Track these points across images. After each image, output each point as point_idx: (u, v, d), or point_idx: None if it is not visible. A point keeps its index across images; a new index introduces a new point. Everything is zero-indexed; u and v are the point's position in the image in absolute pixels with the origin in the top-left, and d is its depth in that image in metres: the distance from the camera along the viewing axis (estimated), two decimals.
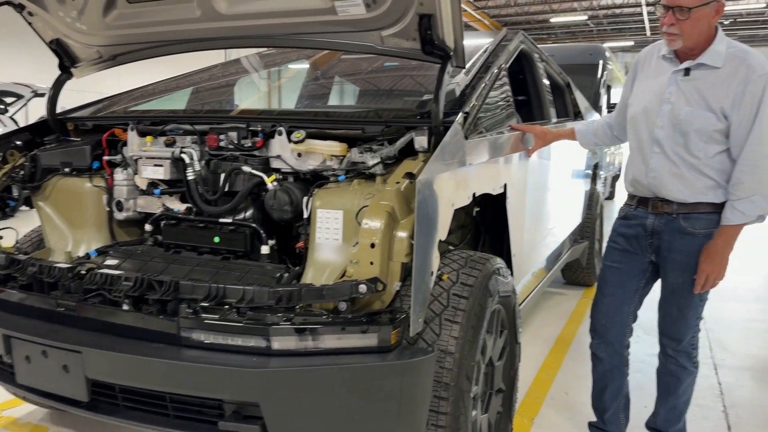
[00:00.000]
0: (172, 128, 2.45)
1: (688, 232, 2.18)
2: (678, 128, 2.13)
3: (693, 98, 2.10)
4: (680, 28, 2.05)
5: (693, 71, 2.12)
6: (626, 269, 2.36)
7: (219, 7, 2.30)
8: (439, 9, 1.93)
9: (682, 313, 2.28)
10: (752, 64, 2.03)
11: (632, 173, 2.32)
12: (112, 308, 1.85)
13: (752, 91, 2.02)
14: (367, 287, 1.73)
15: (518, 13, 19.79)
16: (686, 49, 2.12)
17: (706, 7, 2.02)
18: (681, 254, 2.21)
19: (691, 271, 2.20)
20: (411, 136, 2.10)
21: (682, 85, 2.13)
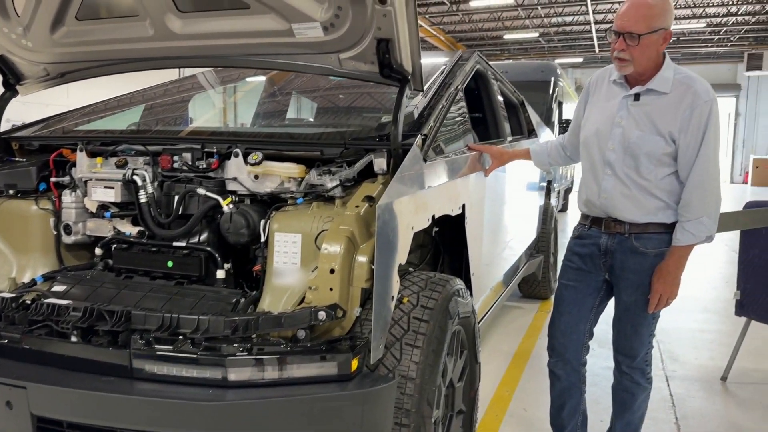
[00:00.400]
0: (123, 149, 2.38)
1: (640, 252, 2.22)
2: (629, 151, 2.18)
3: (642, 122, 2.16)
4: (630, 53, 2.11)
5: (642, 96, 2.18)
6: (581, 288, 2.39)
7: (173, 27, 2.25)
8: (397, 34, 1.94)
9: (636, 331, 2.32)
10: (698, 90, 2.10)
11: (585, 194, 2.36)
12: (59, 340, 1.77)
13: (698, 116, 2.08)
14: (326, 314, 1.71)
15: (473, 30, 20.15)
16: (636, 74, 2.17)
17: (654, 35, 2.08)
18: (633, 273, 2.25)
19: (643, 290, 2.25)
20: (370, 158, 2.10)
21: (632, 110, 2.19)
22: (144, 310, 1.78)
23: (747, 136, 23.07)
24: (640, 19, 2.07)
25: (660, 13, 2.08)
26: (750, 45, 20.78)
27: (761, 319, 3.43)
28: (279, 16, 2.08)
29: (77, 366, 1.73)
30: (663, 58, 2.17)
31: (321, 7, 1.99)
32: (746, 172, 22.22)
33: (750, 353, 3.88)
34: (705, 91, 2.11)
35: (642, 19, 2.07)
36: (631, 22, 2.08)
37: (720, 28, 19.03)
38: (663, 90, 2.14)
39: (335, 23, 2.01)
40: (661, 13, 2.08)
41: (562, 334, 2.44)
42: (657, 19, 2.07)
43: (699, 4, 16.74)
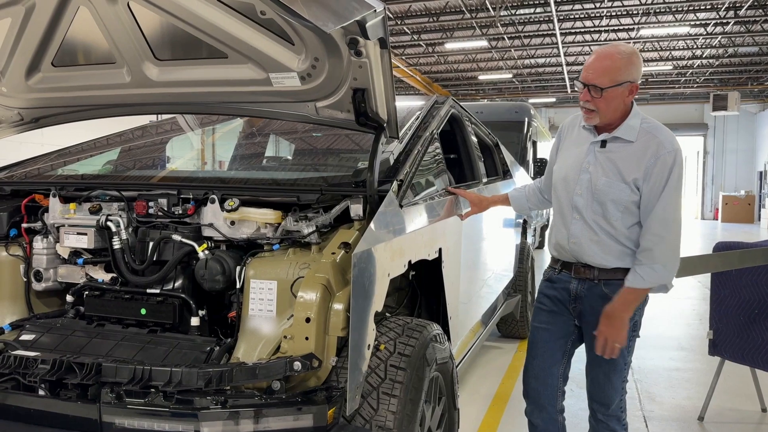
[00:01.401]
0: (97, 194, 2.37)
1: (609, 298, 2.19)
2: (596, 197, 2.18)
3: (609, 169, 2.17)
4: (595, 105, 2.13)
5: (609, 144, 2.19)
6: (554, 330, 2.37)
7: (150, 74, 2.27)
8: (372, 84, 1.98)
9: (609, 378, 2.28)
10: (662, 140, 2.12)
11: (556, 238, 2.35)
12: (26, 394, 1.72)
13: (661, 165, 2.09)
14: (302, 364, 1.69)
15: (448, 71, 20.58)
16: (606, 123, 2.19)
17: (619, 87, 2.09)
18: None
19: None
20: (346, 204, 2.11)
21: (599, 156, 2.20)
22: (115, 362, 1.74)
23: (716, 173, 23.73)
24: (603, 73, 2.08)
25: (624, 67, 2.09)
26: (715, 86, 21.55)
27: (733, 358, 3.47)
28: (257, 66, 2.12)
29: (45, 420, 1.68)
30: (631, 107, 2.19)
31: (298, 57, 2.03)
32: (716, 208, 22.76)
33: (726, 392, 3.91)
34: (669, 141, 2.13)
35: (605, 72, 2.08)
36: (595, 74, 2.10)
37: (686, 70, 19.73)
38: (629, 138, 2.16)
39: (312, 73, 2.05)
40: (626, 66, 2.09)
41: (535, 379, 2.40)
42: (621, 72, 2.08)
43: (665, 47, 17.37)
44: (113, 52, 2.25)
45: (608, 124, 2.20)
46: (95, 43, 2.25)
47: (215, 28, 2.02)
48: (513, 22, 15.01)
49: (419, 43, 16.76)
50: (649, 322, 6.21)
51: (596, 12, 14.38)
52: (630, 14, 14.43)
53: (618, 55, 2.10)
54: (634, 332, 2.28)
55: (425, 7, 14.19)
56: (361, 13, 1.68)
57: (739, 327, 3.39)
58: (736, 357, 3.44)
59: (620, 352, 2.20)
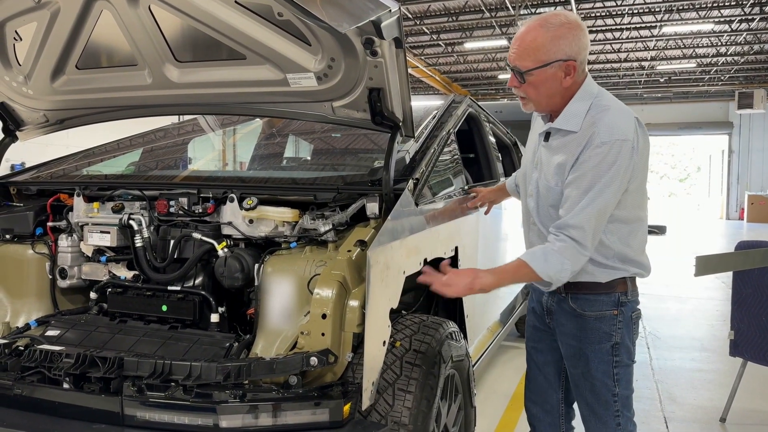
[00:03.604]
0: (120, 194, 2.42)
1: (578, 314, 1.89)
2: (543, 201, 1.86)
3: (548, 167, 1.82)
4: (524, 91, 1.78)
5: (552, 136, 1.83)
6: (542, 348, 2.10)
7: (171, 76, 2.31)
8: (388, 83, 2.00)
9: (593, 411, 1.92)
10: (599, 128, 1.69)
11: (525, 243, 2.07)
12: (51, 387, 1.77)
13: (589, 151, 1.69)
14: (318, 360, 1.71)
15: (468, 70, 20.52)
16: (548, 111, 1.83)
17: (546, 69, 1.71)
18: (573, 339, 1.92)
19: (586, 361, 1.89)
20: (362, 202, 2.14)
21: (543, 151, 1.86)
22: (137, 356, 1.78)
23: (741, 172, 23.28)
24: (525, 53, 1.72)
25: (550, 42, 1.69)
26: (740, 84, 21.17)
27: (755, 359, 3.42)
28: (274, 67, 2.15)
29: (68, 413, 1.73)
30: (577, 88, 1.77)
31: (315, 58, 2.06)
32: (742, 208, 22.34)
33: (748, 393, 3.85)
34: (611, 127, 1.68)
35: (527, 51, 1.71)
36: (516, 55, 1.74)
37: (710, 68, 19.42)
38: (571, 128, 1.75)
39: (328, 73, 2.08)
40: (553, 41, 1.69)
41: (533, 404, 2.15)
42: (547, 49, 1.70)
43: (689, 45, 17.11)
44: (135, 54, 2.30)
45: (556, 112, 1.81)
46: (117, 45, 2.31)
47: (234, 30, 2.06)
48: None
49: (438, 43, 16.73)
50: (672, 323, 6.17)
51: (617, 10, 14.22)
52: (652, 11, 14.25)
53: (542, 29, 1.70)
54: (617, 357, 1.88)
55: (444, 6, 14.17)
56: (376, 14, 1.70)
57: (762, 327, 3.34)
58: (758, 358, 3.39)
59: (603, 382, 1.88)
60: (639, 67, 19.54)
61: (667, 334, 5.50)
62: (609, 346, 1.86)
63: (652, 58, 18.55)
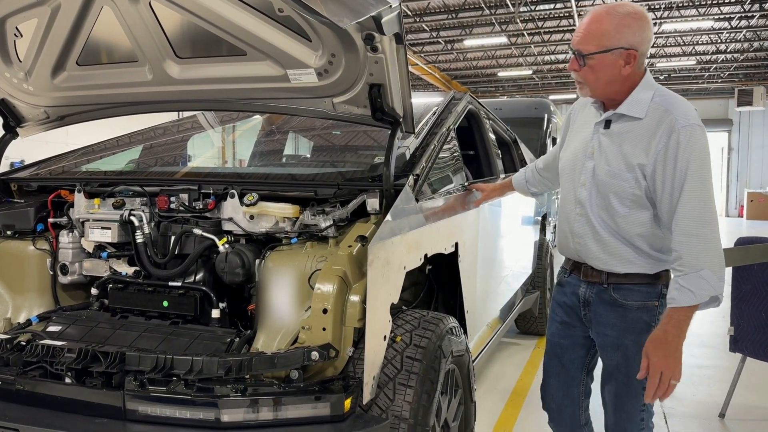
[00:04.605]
0: (121, 190, 2.42)
1: (620, 304, 1.87)
2: (600, 190, 1.85)
3: (611, 155, 1.82)
4: (582, 76, 1.81)
5: (613, 124, 1.84)
6: (568, 345, 2.07)
7: (171, 72, 2.31)
8: (389, 79, 2.00)
9: (622, 404, 1.91)
10: (676, 114, 1.72)
11: (560, 235, 2.06)
12: (53, 382, 1.78)
13: (674, 146, 1.70)
14: (319, 354, 1.72)
15: (467, 68, 20.51)
16: (603, 98, 1.86)
17: (609, 55, 1.74)
18: (612, 329, 1.90)
19: (624, 351, 1.89)
20: (363, 198, 2.14)
21: (603, 139, 1.86)
22: (138, 351, 1.79)
23: (740, 170, 23.28)
24: (588, 36, 1.76)
25: (615, 29, 1.73)
26: (740, 81, 21.17)
27: (755, 355, 3.43)
28: (275, 63, 2.15)
29: (71, 407, 1.74)
30: (639, 78, 1.81)
31: (315, 54, 2.06)
32: (741, 206, 22.36)
33: (748, 389, 3.86)
34: (684, 114, 1.72)
35: (591, 35, 1.76)
36: (580, 39, 1.78)
37: (710, 65, 19.41)
38: (635, 115, 1.78)
39: (329, 69, 2.08)
40: (618, 29, 1.73)
41: (553, 400, 2.14)
42: (610, 36, 1.73)
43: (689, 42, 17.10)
44: (135, 50, 2.30)
45: (610, 99, 1.84)
46: (118, 42, 2.31)
47: (234, 26, 2.06)
48: (533, 18, 14.90)
49: (438, 41, 16.72)
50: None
51: None
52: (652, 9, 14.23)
53: (609, 16, 1.74)
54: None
55: (444, 3, 14.16)
56: (377, 9, 1.70)
57: (761, 323, 3.35)
58: (758, 353, 3.40)
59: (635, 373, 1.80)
60: None
61: None
62: (647, 337, 1.77)
63: (652, 56, 18.54)
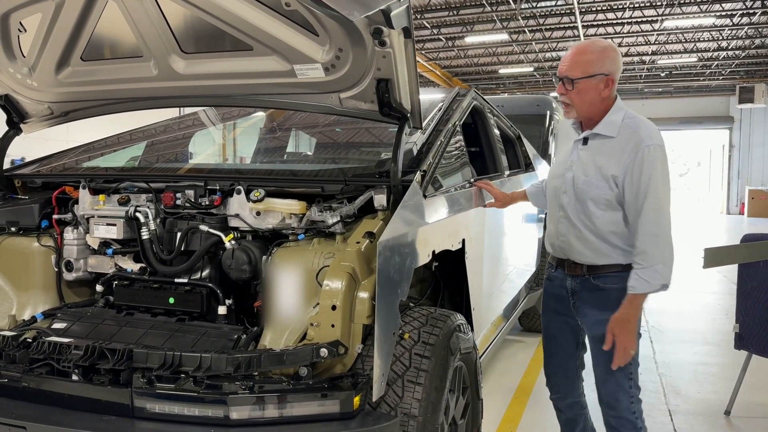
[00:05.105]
0: (126, 186, 2.41)
1: (601, 288, 2.21)
2: (578, 196, 2.21)
3: (588, 167, 2.18)
4: (570, 98, 2.15)
5: (590, 141, 2.21)
6: (561, 328, 2.41)
7: (176, 67, 2.30)
8: (396, 74, 1.99)
9: (613, 375, 2.21)
10: (642, 135, 2.09)
11: (548, 235, 2.42)
12: (60, 379, 1.76)
13: (641, 161, 2.06)
14: (328, 351, 1.71)
15: (468, 65, 20.49)
16: (584, 118, 2.21)
17: (592, 80, 2.10)
18: (596, 309, 2.22)
19: (604, 328, 2.17)
20: (370, 194, 2.13)
21: (581, 154, 2.22)
22: (146, 348, 1.77)
23: (742, 167, 23.25)
24: (575, 65, 2.12)
25: (597, 59, 2.11)
26: (741, 78, 21.13)
27: (760, 352, 3.42)
28: (281, 58, 2.13)
29: (78, 405, 1.72)
30: (612, 102, 2.17)
31: (322, 49, 2.04)
32: (742, 203, 22.34)
33: (753, 387, 3.84)
34: (650, 135, 2.09)
35: (577, 64, 2.12)
36: (568, 67, 2.13)
37: (711, 62, 19.38)
38: (609, 134, 2.15)
39: (336, 64, 2.06)
40: (599, 59, 2.11)
41: (554, 374, 2.50)
42: (594, 64, 2.10)
43: (690, 39, 17.07)
44: (140, 45, 2.28)
45: (589, 119, 2.20)
46: (123, 37, 2.29)
47: (241, 20, 2.04)
48: (534, 15, 14.87)
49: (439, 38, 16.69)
50: (674, 317, 6.16)
51: (619, 4, 14.18)
52: (653, 5, 14.21)
53: (591, 48, 2.14)
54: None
55: (445, 0, 14.13)
56: (386, 2, 1.69)
57: (767, 320, 3.34)
58: (764, 351, 3.39)
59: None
60: (640, 62, 19.50)
61: (669, 327, 5.49)
62: None
63: (653, 53, 18.51)
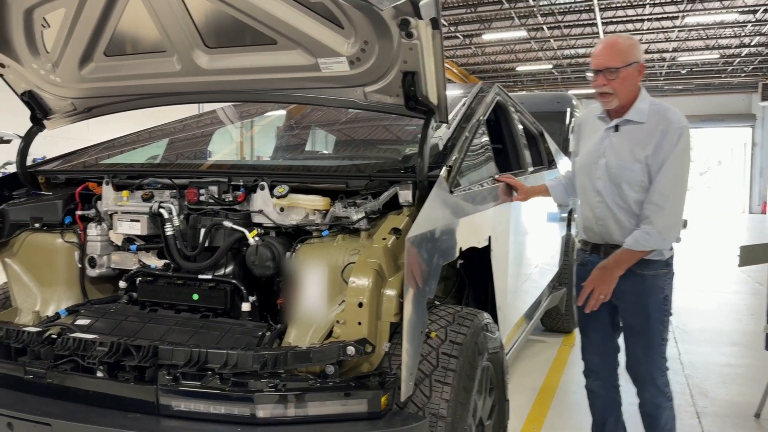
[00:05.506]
0: (149, 182, 2.40)
1: (637, 274, 2.33)
2: (612, 180, 2.34)
3: (622, 151, 2.33)
4: (612, 87, 2.29)
5: (621, 127, 2.36)
6: (596, 312, 2.45)
7: (200, 62, 2.28)
8: (423, 66, 1.94)
9: (647, 355, 2.39)
10: (671, 118, 2.27)
11: (583, 222, 2.52)
12: (85, 376, 1.75)
13: (669, 141, 2.24)
14: (355, 349, 1.67)
15: (486, 62, 20.36)
16: (618, 107, 2.34)
17: (630, 68, 2.27)
18: (633, 295, 2.37)
19: (644, 311, 2.37)
20: (395, 190, 2.09)
21: (614, 140, 2.36)
22: (171, 345, 1.75)
23: (764, 165, 22.82)
24: (615, 55, 2.27)
25: (630, 49, 2.28)
26: (764, 75, 20.75)
27: None
28: (305, 51, 2.10)
29: (102, 402, 1.71)
30: (639, 90, 2.34)
31: (347, 41, 2.01)
32: (764, 202, 21.96)
33: None
34: (678, 119, 2.28)
35: (617, 54, 2.27)
36: (607, 58, 2.27)
37: (733, 59, 19.06)
38: (639, 120, 2.31)
39: (361, 57, 2.03)
40: (631, 48, 2.29)
41: (595, 355, 2.58)
42: (629, 53, 2.28)
43: (712, 35, 16.81)
44: (164, 40, 2.26)
45: (623, 106, 2.34)
46: (146, 31, 2.27)
47: (265, 13, 2.01)
48: (552, 12, 14.73)
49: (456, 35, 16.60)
50: (699, 317, 6.04)
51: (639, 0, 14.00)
52: (675, 1, 14.00)
53: (621, 39, 2.32)
54: (666, 307, 2.38)
55: None
56: None
57: None
58: None
59: (657, 328, 2.35)
60: (660, 59, 19.24)
61: (694, 328, 5.39)
62: (662, 297, 2.36)
63: (674, 49, 18.25)
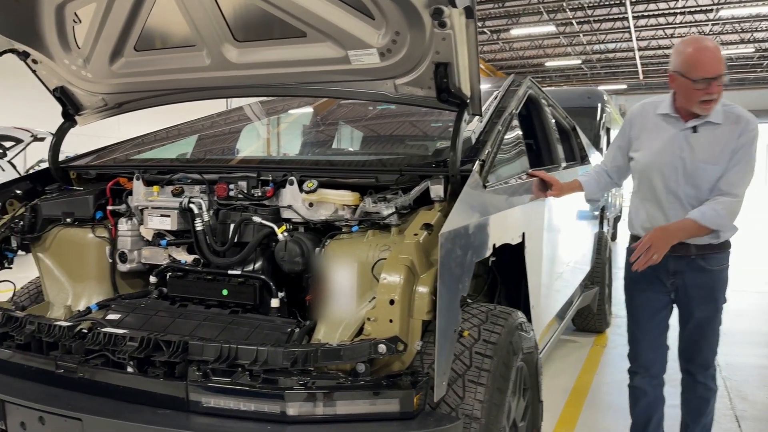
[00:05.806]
0: (179, 177, 2.39)
1: (706, 270, 2.41)
2: (690, 181, 2.36)
3: (702, 152, 2.34)
4: (718, 92, 2.30)
5: (700, 128, 2.36)
6: (655, 305, 2.52)
7: (230, 56, 2.26)
8: (456, 57, 1.89)
9: (709, 343, 2.50)
10: (748, 119, 2.35)
11: (649, 221, 2.46)
12: (115, 371, 1.74)
13: (744, 140, 2.31)
14: (386, 347, 1.63)
15: (513, 58, 20.14)
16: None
17: None
18: (702, 289, 2.44)
19: (714, 304, 2.45)
20: (426, 185, 2.04)
21: (692, 141, 2.36)
22: (201, 340, 1.74)
23: None
24: (722, 61, 2.28)
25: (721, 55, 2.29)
26: None
27: None
28: (335, 44, 2.07)
29: (132, 397, 1.70)
30: None
31: (378, 33, 1.97)
32: None
33: None
34: (751, 117, 2.37)
35: (722, 60, 2.29)
36: (719, 65, 2.26)
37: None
38: (717, 121, 2.33)
39: (392, 49, 1.98)
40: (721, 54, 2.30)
41: (649, 350, 2.57)
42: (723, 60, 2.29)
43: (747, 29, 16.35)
44: (193, 34, 2.25)
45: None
46: (176, 26, 2.27)
47: (294, 5, 1.99)
48: (582, 6, 14.49)
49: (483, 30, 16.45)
50: (736, 318, 5.86)
51: None
52: None
53: (714, 43, 2.33)
54: (726, 300, 2.47)
55: None
56: None
57: None
58: None
59: (720, 318, 2.45)
60: None
61: (732, 328, 5.20)
62: (726, 288, 2.48)
63: None
